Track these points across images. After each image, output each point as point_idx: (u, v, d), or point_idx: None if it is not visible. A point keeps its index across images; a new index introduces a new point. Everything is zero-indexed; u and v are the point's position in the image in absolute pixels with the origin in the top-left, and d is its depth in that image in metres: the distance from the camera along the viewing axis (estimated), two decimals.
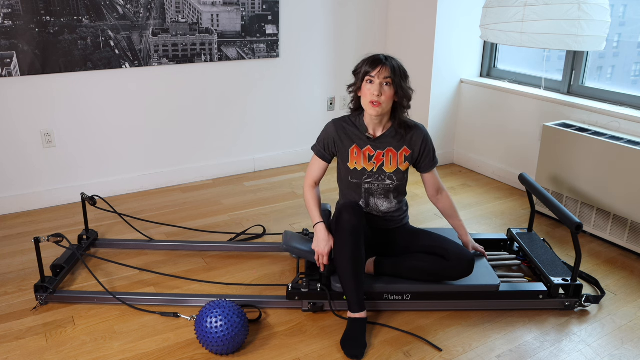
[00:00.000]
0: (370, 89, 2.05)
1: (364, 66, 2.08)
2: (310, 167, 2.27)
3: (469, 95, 3.91)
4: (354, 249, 2.02)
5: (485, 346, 2.05)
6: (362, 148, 2.18)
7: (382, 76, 2.03)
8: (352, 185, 2.23)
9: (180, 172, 3.63)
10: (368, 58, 2.09)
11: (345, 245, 2.03)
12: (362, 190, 2.23)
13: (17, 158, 3.10)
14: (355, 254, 2.03)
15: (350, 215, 2.03)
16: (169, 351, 1.99)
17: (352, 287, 2.04)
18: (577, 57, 3.26)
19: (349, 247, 2.02)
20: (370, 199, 2.24)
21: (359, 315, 2.06)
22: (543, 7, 2.47)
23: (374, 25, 4.06)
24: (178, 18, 3.30)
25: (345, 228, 2.03)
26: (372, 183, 2.21)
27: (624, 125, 2.92)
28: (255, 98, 3.75)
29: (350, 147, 2.18)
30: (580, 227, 2.14)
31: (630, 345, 2.07)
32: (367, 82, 2.07)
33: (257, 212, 3.23)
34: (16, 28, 2.87)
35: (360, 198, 2.24)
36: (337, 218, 2.08)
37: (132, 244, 2.76)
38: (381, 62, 2.04)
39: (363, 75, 2.08)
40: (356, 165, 2.19)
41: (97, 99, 3.23)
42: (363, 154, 2.18)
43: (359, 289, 2.05)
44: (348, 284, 2.05)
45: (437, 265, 2.16)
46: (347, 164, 2.20)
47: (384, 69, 2.03)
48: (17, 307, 2.25)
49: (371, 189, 2.22)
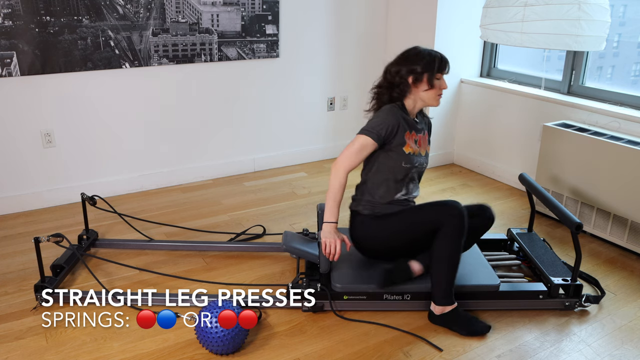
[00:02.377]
0: (440, 84, 2.22)
1: (438, 65, 2.19)
2: (355, 153, 2.18)
3: (469, 95, 3.91)
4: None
5: (485, 346, 2.05)
6: (413, 133, 2.24)
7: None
8: (401, 171, 2.21)
9: (180, 172, 3.63)
10: (437, 58, 2.20)
11: (461, 246, 2.13)
12: (407, 177, 2.24)
13: (17, 158, 3.10)
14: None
15: (467, 219, 2.13)
16: (169, 351, 1.99)
17: (453, 282, 2.14)
18: (577, 57, 3.26)
19: (462, 248, 2.14)
20: (410, 185, 2.27)
21: (456, 304, 2.16)
22: (543, 7, 2.47)
23: (373, 25, 4.05)
24: (178, 18, 3.30)
25: (465, 228, 2.11)
26: (417, 167, 2.26)
27: (624, 125, 2.91)
28: (256, 98, 3.75)
29: (404, 133, 2.20)
30: (580, 227, 2.14)
31: (630, 345, 2.07)
32: (436, 79, 2.21)
33: (257, 212, 3.23)
34: (16, 28, 2.87)
35: (402, 186, 2.24)
36: (456, 217, 2.10)
37: (132, 244, 2.76)
38: (448, 62, 2.23)
39: (437, 72, 2.19)
40: (411, 149, 2.21)
41: (97, 99, 3.22)
42: (413, 139, 2.23)
43: (453, 279, 2.16)
44: (452, 279, 2.13)
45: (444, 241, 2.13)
46: (403, 149, 2.19)
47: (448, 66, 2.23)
48: (17, 307, 2.25)
49: (413, 175, 2.26)
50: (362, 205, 2.28)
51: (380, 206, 2.24)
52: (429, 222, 2.14)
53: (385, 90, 2.25)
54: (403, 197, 2.25)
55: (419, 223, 2.18)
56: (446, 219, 2.10)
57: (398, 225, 2.21)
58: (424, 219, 2.17)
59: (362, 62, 4.10)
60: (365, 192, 2.28)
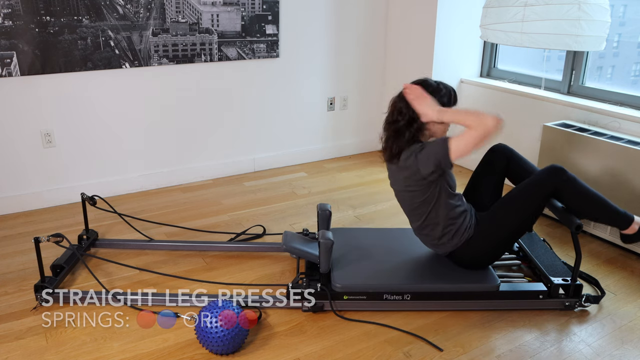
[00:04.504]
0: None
1: (454, 98, 2.19)
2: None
3: (469, 95, 3.91)
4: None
5: (485, 346, 2.05)
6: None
7: None
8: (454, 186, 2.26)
9: (180, 172, 3.63)
10: (453, 90, 2.19)
11: (581, 182, 2.21)
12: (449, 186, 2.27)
13: (17, 158, 3.10)
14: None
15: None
16: (169, 351, 1.99)
17: (612, 204, 2.20)
18: (577, 57, 3.26)
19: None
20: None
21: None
22: (543, 7, 2.47)
23: (373, 25, 4.05)
24: (178, 18, 3.30)
25: (568, 173, 2.19)
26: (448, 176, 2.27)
27: (624, 125, 2.91)
28: (256, 98, 3.75)
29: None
30: (580, 227, 2.14)
31: (630, 345, 2.07)
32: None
33: (257, 212, 3.23)
34: (16, 28, 2.87)
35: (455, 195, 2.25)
36: (559, 172, 2.20)
37: (132, 244, 2.76)
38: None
39: (453, 104, 2.19)
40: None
41: (97, 99, 3.22)
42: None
43: (611, 205, 2.21)
44: (609, 204, 2.20)
45: (573, 192, 2.21)
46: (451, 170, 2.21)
47: None
48: (17, 307, 2.25)
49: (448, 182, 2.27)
50: (449, 244, 2.26)
51: (458, 224, 2.23)
52: (540, 194, 2.19)
53: (404, 127, 2.14)
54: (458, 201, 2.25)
55: (528, 203, 2.21)
56: (555, 179, 2.17)
57: (505, 218, 2.22)
58: (533, 195, 2.20)
59: (362, 62, 4.10)
60: (434, 230, 2.25)
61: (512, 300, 2.26)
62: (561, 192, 2.19)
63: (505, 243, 2.27)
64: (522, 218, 2.23)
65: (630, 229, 2.22)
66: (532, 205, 2.21)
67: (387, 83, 4.21)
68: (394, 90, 2.28)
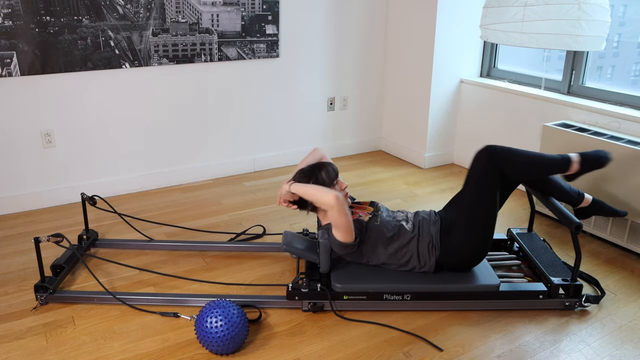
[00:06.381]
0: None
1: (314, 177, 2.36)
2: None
3: (469, 95, 3.91)
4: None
5: (485, 346, 2.05)
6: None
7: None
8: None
9: (180, 172, 3.64)
10: (316, 169, 2.37)
11: (520, 152, 2.20)
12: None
13: (17, 158, 3.10)
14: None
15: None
16: (169, 351, 1.99)
17: (547, 157, 2.23)
18: (577, 57, 3.26)
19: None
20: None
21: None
22: (543, 7, 2.47)
23: (373, 25, 4.06)
24: (178, 18, 3.30)
25: (496, 146, 2.19)
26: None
27: (624, 125, 2.92)
28: (256, 98, 3.76)
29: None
30: (580, 227, 2.14)
31: (630, 345, 2.07)
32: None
33: (257, 212, 3.23)
34: (16, 28, 2.87)
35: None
36: (488, 150, 2.19)
37: (132, 244, 2.76)
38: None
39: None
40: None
41: (97, 99, 3.23)
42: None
43: (548, 155, 2.23)
44: (544, 158, 2.22)
45: (518, 163, 2.20)
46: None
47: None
48: (17, 307, 2.25)
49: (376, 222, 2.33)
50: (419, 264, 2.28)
51: (412, 251, 2.26)
52: (490, 180, 2.18)
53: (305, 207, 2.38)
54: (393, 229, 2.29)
55: (483, 192, 2.20)
56: (492, 160, 2.17)
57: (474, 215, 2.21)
58: (485, 184, 2.19)
59: (362, 62, 4.10)
60: (391, 266, 2.31)
61: (512, 300, 2.26)
62: (506, 166, 2.17)
63: (484, 239, 2.25)
64: (488, 212, 2.21)
65: (571, 169, 2.25)
66: (490, 194, 2.20)
67: (387, 83, 4.21)
68: (394, 90, 2.29)
